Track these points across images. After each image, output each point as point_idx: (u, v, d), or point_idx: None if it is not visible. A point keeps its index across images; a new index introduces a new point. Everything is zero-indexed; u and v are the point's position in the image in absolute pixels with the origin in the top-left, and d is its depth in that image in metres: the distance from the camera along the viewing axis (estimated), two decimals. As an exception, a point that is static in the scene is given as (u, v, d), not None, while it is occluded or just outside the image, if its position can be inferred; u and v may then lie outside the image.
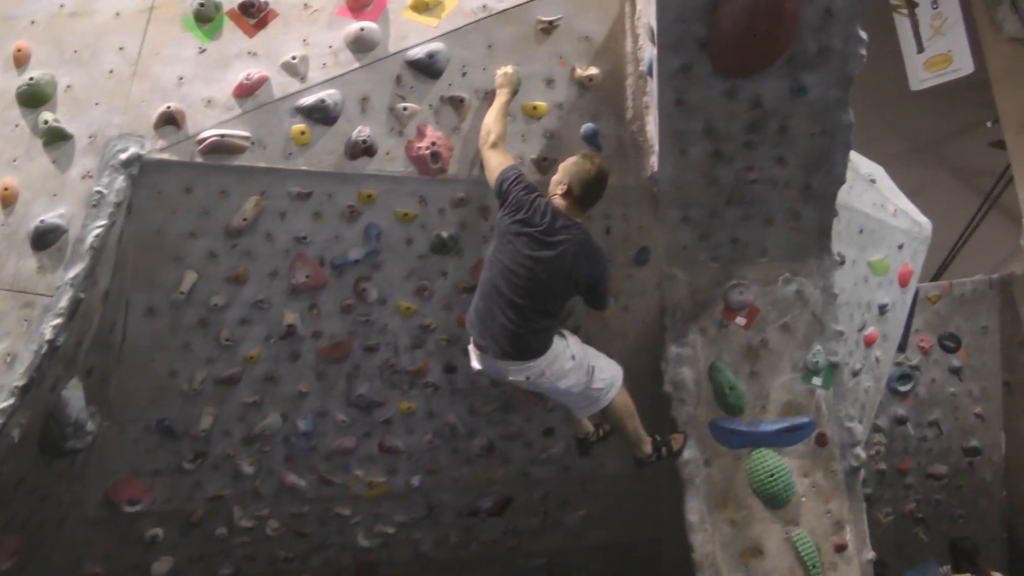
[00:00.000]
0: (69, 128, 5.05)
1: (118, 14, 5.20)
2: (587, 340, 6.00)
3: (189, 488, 6.19)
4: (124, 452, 5.91)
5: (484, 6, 5.43)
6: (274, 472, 6.27)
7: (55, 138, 5.04)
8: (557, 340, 5.26)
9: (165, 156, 5.10)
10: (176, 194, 5.22)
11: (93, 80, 5.11)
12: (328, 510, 6.57)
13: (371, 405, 6.12)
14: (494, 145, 5.23)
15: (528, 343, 5.14)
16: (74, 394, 5.19)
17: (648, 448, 5.70)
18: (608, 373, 5.47)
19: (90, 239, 4.91)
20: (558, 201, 5.14)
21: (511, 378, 5.27)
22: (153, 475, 6.06)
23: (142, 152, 5.04)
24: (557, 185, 5.19)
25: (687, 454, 5.74)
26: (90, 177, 5.01)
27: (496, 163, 5.20)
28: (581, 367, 5.34)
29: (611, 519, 6.94)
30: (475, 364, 5.44)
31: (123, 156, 5.00)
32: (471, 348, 5.43)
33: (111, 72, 5.12)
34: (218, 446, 6.05)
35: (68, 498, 5.85)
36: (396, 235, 5.62)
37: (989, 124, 11.45)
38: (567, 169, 5.17)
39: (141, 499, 6.09)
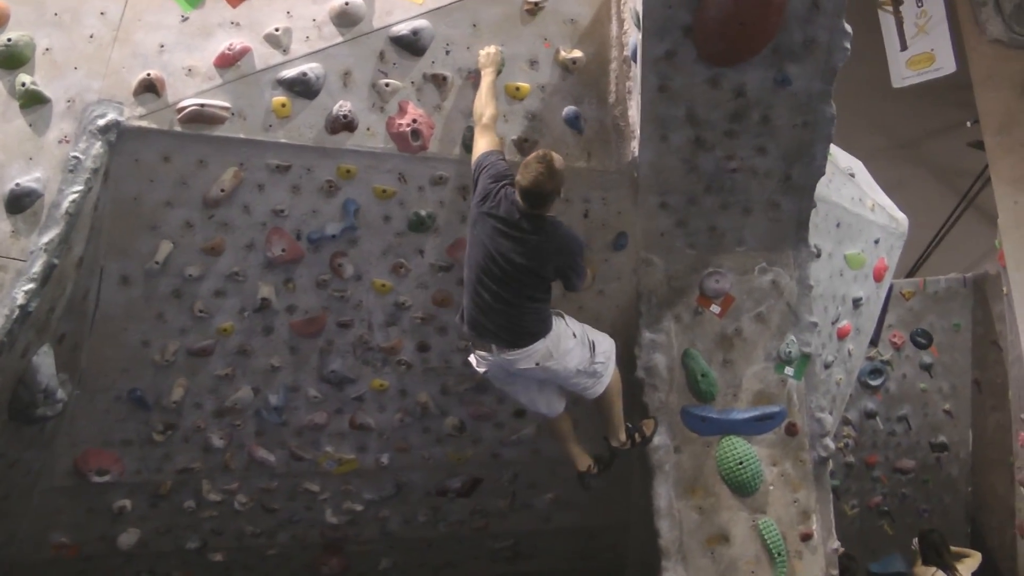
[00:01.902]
0: (47, 91, 4.98)
1: (101, -22, 5.14)
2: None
3: (158, 460, 6.19)
4: (94, 421, 5.89)
5: (470, -16, 5.42)
6: (244, 446, 6.27)
7: (32, 101, 4.97)
8: (557, 320, 5.25)
9: (144, 123, 5.05)
10: (154, 162, 5.18)
11: (73, 43, 5.04)
12: (297, 486, 6.58)
13: (343, 381, 6.12)
14: (485, 126, 5.21)
15: (525, 326, 5.10)
16: (45, 361, 5.15)
17: (623, 436, 5.74)
18: (605, 346, 5.49)
19: (66, 204, 4.86)
20: (518, 196, 5.00)
21: (521, 367, 5.19)
22: (123, 445, 6.05)
23: (121, 118, 4.99)
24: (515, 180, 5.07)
25: (657, 440, 5.76)
26: (67, 142, 4.95)
27: (481, 146, 5.18)
28: (583, 343, 5.34)
29: (579, 503, 6.96)
30: (481, 369, 5.39)
31: (101, 122, 4.95)
32: (473, 358, 5.40)
33: (91, 36, 5.05)
34: (189, 418, 6.04)
35: (36, 466, 5.83)
36: (374, 211, 5.60)
37: (969, 124, 11.49)
38: (520, 168, 5.00)
39: (110, 469, 6.08)
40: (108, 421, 5.92)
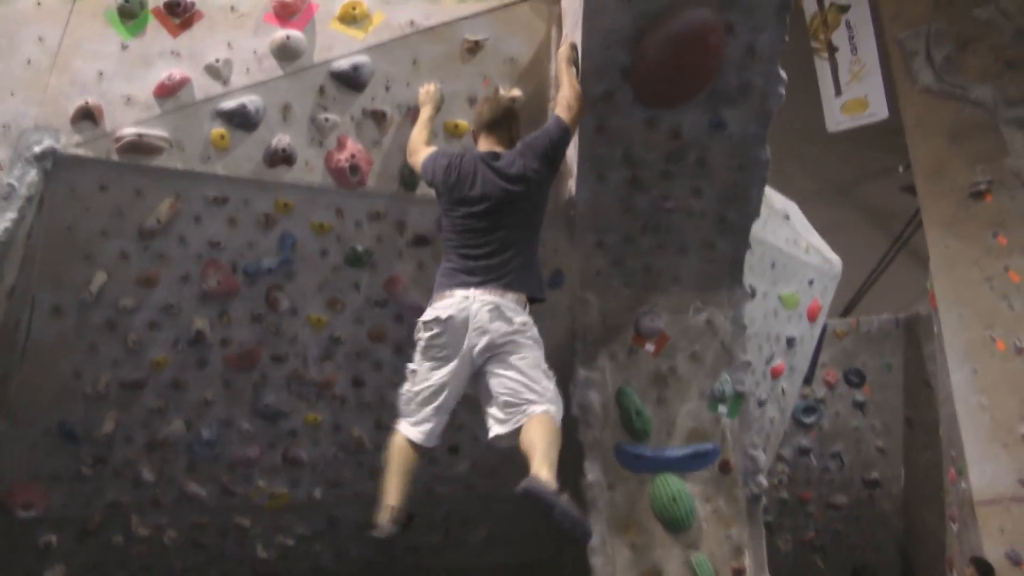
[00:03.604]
0: (-19, 117, 4.92)
1: (39, 3, 5.08)
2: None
3: (87, 494, 6.07)
4: (22, 454, 5.77)
5: (412, 22, 5.46)
6: (175, 480, 6.18)
7: (-34, 127, 4.91)
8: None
9: (81, 152, 5.00)
10: (90, 191, 5.13)
11: (10, 69, 4.98)
12: (228, 520, 6.49)
13: (277, 415, 6.07)
14: (413, 152, 5.25)
15: (524, 272, 4.91)
16: (-29, 392, 5.06)
17: (548, 474, 4.64)
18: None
19: (-3, 232, 4.79)
20: (482, 145, 5.11)
21: (508, 315, 4.74)
22: (50, 479, 5.92)
23: (57, 146, 4.93)
24: (474, 137, 5.26)
25: (591, 476, 5.76)
26: (1, 169, 4.88)
27: (420, 166, 5.18)
28: (540, 351, 4.94)
29: (513, 539, 6.96)
30: (444, 314, 4.75)
31: (37, 149, 4.89)
32: (442, 304, 4.80)
33: (29, 62, 5.00)
34: (119, 451, 5.95)
35: (-41, 500, 5.70)
36: (311, 246, 5.59)
37: (901, 169, 11.75)
38: (475, 117, 5.25)
39: (36, 504, 5.93)
40: (36, 454, 5.79)
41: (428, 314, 4.86)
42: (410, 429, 4.93)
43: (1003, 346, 9.11)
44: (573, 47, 5.25)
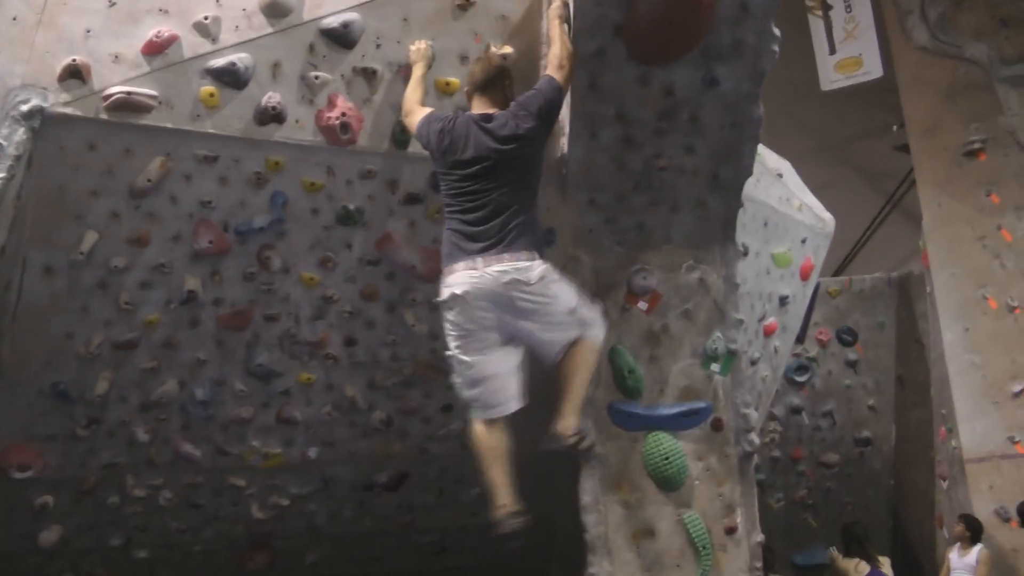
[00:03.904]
0: (-33, 76, 4.87)
1: (26, -41, 5.03)
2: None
3: (82, 455, 6.07)
4: (16, 416, 5.76)
5: (402, -22, 5.41)
6: (169, 441, 6.19)
7: (-48, 85, 4.87)
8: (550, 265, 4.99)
9: (69, 110, 4.94)
10: (79, 150, 5.08)
11: (-5, 26, 4.94)
12: (223, 481, 6.52)
13: (270, 375, 6.08)
14: (408, 113, 5.23)
15: (528, 231, 4.88)
16: (-37, 353, 5.05)
17: (575, 424, 5.04)
18: (591, 305, 5.16)
19: (-14, 192, 4.76)
20: (475, 107, 5.09)
21: (522, 278, 4.75)
22: (45, 440, 5.93)
23: (45, 105, 4.87)
24: (467, 98, 5.24)
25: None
26: (-12, 128, 4.85)
27: (414, 128, 5.16)
28: (570, 287, 5.05)
29: (507, 498, 6.97)
30: (459, 290, 4.76)
31: (24, 108, 4.82)
32: (449, 283, 4.83)
33: (14, 19, 4.91)
34: (113, 412, 5.95)
35: (-47, 461, 5.71)
36: (302, 204, 5.57)
37: (895, 128, 11.74)
38: (468, 78, 5.23)
39: (32, 465, 5.94)
40: (30, 415, 5.79)
41: (444, 292, 4.87)
42: (481, 414, 4.98)
43: (995, 305, 9.17)
44: (565, 4, 5.22)
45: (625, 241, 5.91)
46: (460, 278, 4.80)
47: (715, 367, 5.98)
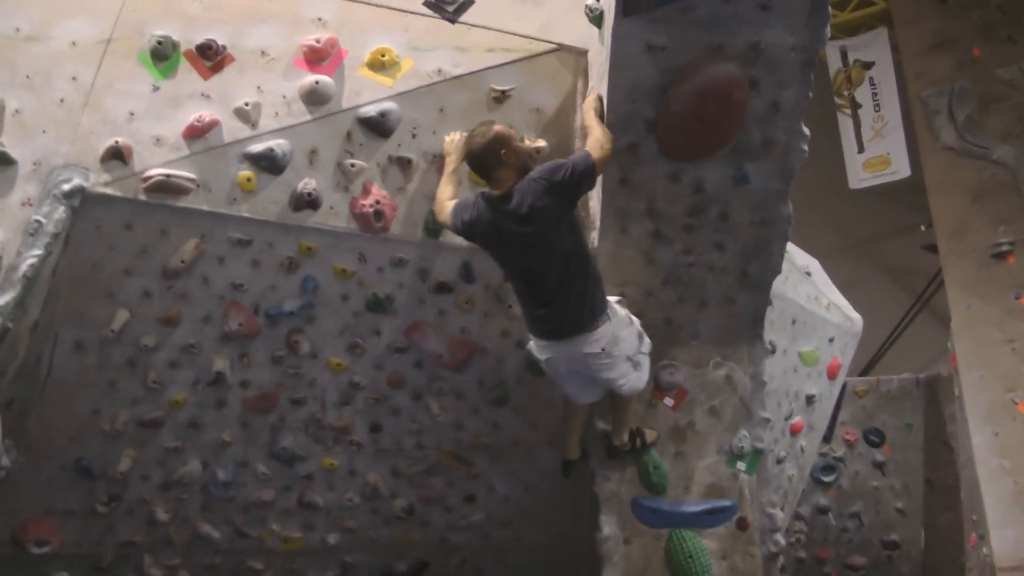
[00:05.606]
0: (13, 153, 4.96)
1: (74, 43, 5.14)
2: (516, 409, 6.03)
3: (100, 531, 6.04)
4: (37, 489, 5.75)
5: (439, 70, 5.50)
6: (189, 521, 6.15)
7: (-1, 162, 4.97)
8: (613, 307, 5.22)
9: (108, 191, 5.05)
10: (116, 230, 5.18)
11: (43, 107, 5.05)
12: (240, 563, 6.45)
13: (293, 459, 6.05)
14: (440, 211, 5.25)
15: (586, 305, 5.03)
16: (-10, 426, 5.07)
17: (626, 436, 5.71)
18: (647, 339, 5.52)
19: (24, 268, 4.83)
20: (489, 185, 5.05)
21: (587, 351, 5.11)
22: (64, 515, 5.91)
23: (86, 184, 4.99)
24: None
25: (607, 531, 5.72)
26: (30, 205, 4.93)
27: (448, 224, 5.21)
28: (634, 329, 5.40)
29: (526, 590, 6.89)
30: (544, 356, 5.31)
31: (66, 187, 4.94)
32: (534, 345, 5.38)
33: (62, 100, 5.07)
34: (134, 490, 5.93)
35: (-27, 533, 5.69)
36: (333, 290, 5.61)
37: (923, 227, 11.74)
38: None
39: (50, 540, 5.91)
40: (51, 490, 5.79)
41: (532, 347, 5.44)
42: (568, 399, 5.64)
43: (1024, 409, 9.03)
44: (599, 98, 5.28)
45: (653, 336, 5.87)
46: (540, 351, 5.34)
47: (741, 465, 5.91)
